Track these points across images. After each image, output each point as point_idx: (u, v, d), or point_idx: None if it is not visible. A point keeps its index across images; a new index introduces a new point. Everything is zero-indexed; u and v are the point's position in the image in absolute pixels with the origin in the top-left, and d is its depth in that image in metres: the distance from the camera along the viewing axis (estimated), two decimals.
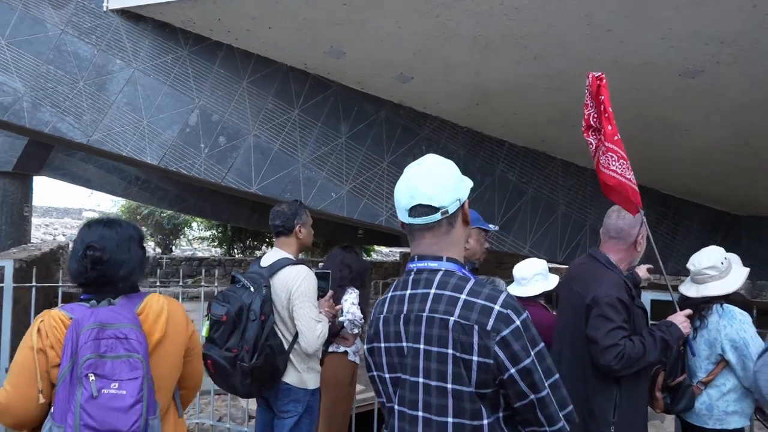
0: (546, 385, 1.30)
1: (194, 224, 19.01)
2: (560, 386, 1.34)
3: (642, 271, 2.83)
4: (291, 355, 2.86)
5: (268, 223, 2.97)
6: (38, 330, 1.64)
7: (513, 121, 5.85)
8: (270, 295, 2.79)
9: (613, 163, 2.37)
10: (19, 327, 6.66)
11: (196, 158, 4.94)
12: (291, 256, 2.98)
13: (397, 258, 20.69)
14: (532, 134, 6.14)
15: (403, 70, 5.08)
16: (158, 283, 5.18)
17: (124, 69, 4.75)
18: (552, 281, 3.52)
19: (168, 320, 1.76)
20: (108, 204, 26.73)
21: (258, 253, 19.72)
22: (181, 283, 4.86)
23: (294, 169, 5.23)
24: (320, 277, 3.08)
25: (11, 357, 4.42)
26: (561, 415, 1.32)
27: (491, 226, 3.04)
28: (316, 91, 5.36)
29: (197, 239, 20.73)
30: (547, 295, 3.57)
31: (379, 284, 16.77)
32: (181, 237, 19.51)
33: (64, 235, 27.76)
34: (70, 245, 17.64)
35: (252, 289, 2.75)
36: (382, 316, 1.47)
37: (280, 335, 2.84)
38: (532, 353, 1.29)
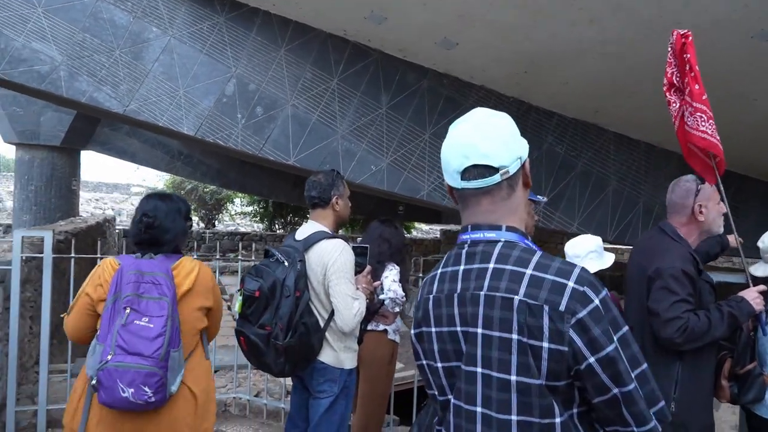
0: (633, 376, 1.07)
1: (236, 200, 19.14)
2: (649, 378, 1.10)
3: (731, 238, 2.68)
4: (327, 334, 2.69)
5: (304, 194, 2.79)
6: (93, 274, 2.12)
7: (564, 91, 5.50)
8: (305, 270, 2.61)
9: (703, 123, 2.18)
10: (63, 297, 6.73)
11: (233, 129, 4.79)
12: (327, 230, 2.80)
13: (438, 235, 20.43)
14: (583, 105, 5.77)
15: (447, 35, 4.79)
16: (195, 256, 5.09)
17: (160, 37, 4.62)
18: (607, 260, 3.25)
19: (196, 278, 2.12)
20: (153, 179, 27.13)
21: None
22: (217, 257, 4.76)
23: (333, 141, 5.04)
24: (358, 252, 2.89)
25: (52, 323, 4.39)
26: (652, 413, 1.09)
27: (540, 197, 2.79)
28: (356, 60, 5.13)
29: (239, 214, 20.89)
30: (600, 276, 3.30)
31: (419, 261, 16.61)
32: (224, 212, 19.68)
33: (112, 209, 28.45)
34: (117, 218, 18.04)
35: (286, 263, 2.58)
36: (431, 296, 1.25)
37: (315, 312, 2.67)
38: (615, 338, 1.07)
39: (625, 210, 6.20)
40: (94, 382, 1.89)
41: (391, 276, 3.60)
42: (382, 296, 3.45)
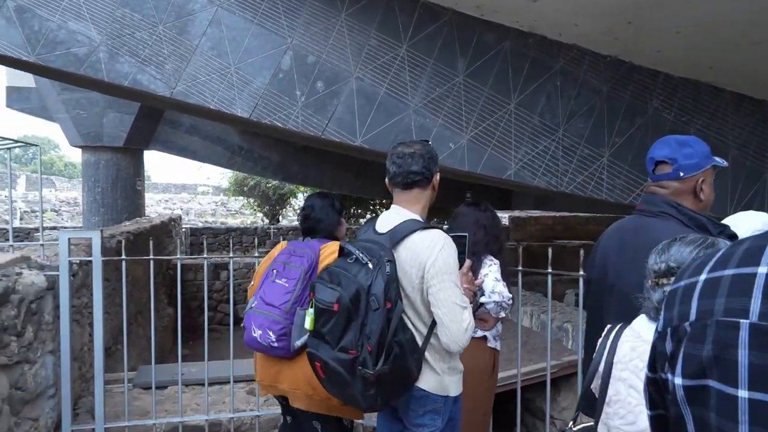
0: None
1: (299, 194, 18.80)
2: None
3: None
4: (426, 353, 2.03)
5: (393, 171, 2.10)
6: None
7: (673, 44, 4.59)
8: (396, 273, 1.95)
9: None
10: (129, 299, 6.34)
11: (292, 108, 4.18)
12: (418, 217, 2.13)
13: (506, 222, 19.47)
14: (696, 60, 4.84)
15: None
16: (258, 252, 4.54)
17: (206, 7, 4.05)
18: None
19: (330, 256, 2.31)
20: (217, 177, 27.17)
21: (363, 221, 19.25)
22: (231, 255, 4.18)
23: (404, 116, 4.36)
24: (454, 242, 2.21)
25: (112, 330, 3.94)
26: None
27: (721, 160, 2.02)
28: (427, 22, 4.41)
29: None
30: None
31: None
32: (287, 207, 19.39)
33: (180, 209, 28.92)
34: (184, 217, 18.06)
35: (370, 264, 1.91)
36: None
37: (410, 326, 2.01)
38: None
39: (748, 182, 5.23)
40: (242, 324, 2.43)
41: (492, 273, 2.89)
42: (483, 299, 2.76)
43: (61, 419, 3.92)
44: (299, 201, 20.21)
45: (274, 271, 2.39)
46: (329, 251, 2.38)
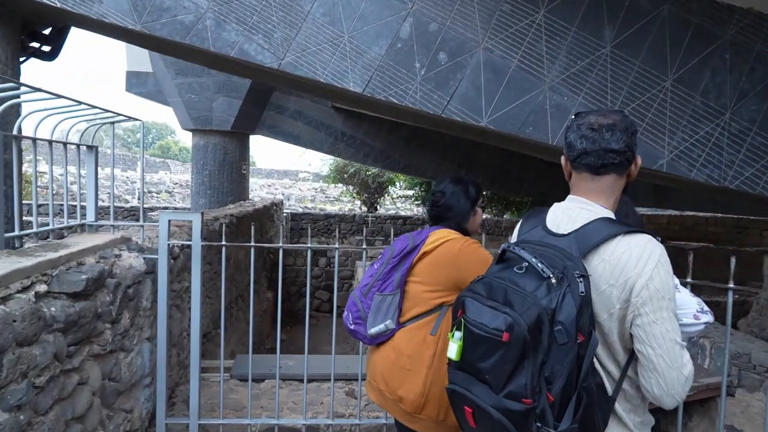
0: None
1: (398, 182, 18.41)
2: None
3: None
4: (616, 401, 1.44)
5: (582, 148, 1.49)
6: None
7: None
8: (590, 294, 1.37)
9: None
10: (231, 284, 6.13)
11: (410, 83, 3.66)
12: (610, 213, 1.56)
13: None
14: None
15: None
16: (359, 240, 4.08)
17: None
18: None
19: (440, 247, 2.15)
20: (318, 164, 27.56)
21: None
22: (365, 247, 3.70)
23: (539, 94, 3.71)
24: None
25: (209, 315, 3.65)
26: None
27: None
28: None
29: (400, 197, 20.17)
30: None
31: None
32: (385, 195, 19.06)
33: (282, 194, 29.55)
34: (285, 202, 18.20)
35: (554, 279, 1.34)
36: None
37: (597, 366, 1.43)
38: None
39: None
40: None
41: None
42: (685, 320, 2.10)
43: (155, 410, 3.67)
44: (398, 190, 19.84)
45: (380, 255, 2.29)
46: (432, 239, 2.19)
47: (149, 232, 4.30)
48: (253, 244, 3.71)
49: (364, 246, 3.68)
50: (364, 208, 19.06)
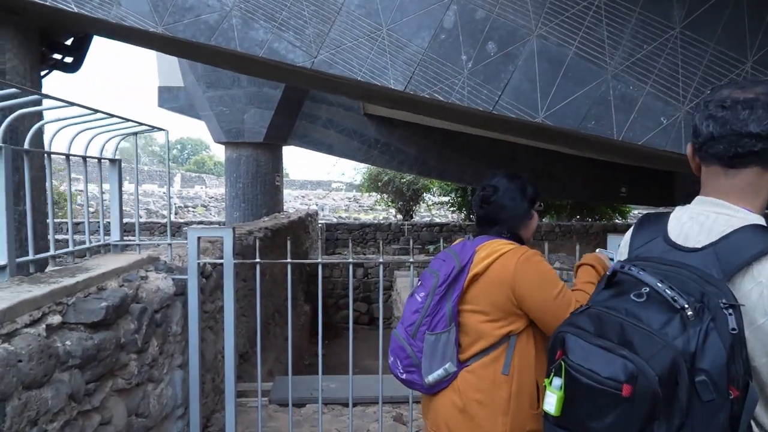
0: None
1: (433, 188, 18.01)
2: None
3: None
4: None
5: (709, 132, 1.10)
6: None
7: None
8: (743, 332, 0.98)
9: None
10: (268, 301, 5.84)
11: (456, 77, 3.30)
12: (761, 219, 1.14)
13: None
14: None
15: None
16: (395, 249, 3.72)
17: None
18: None
19: (494, 264, 1.78)
20: (351, 173, 27.44)
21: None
22: (411, 260, 3.33)
23: (601, 83, 3.31)
24: None
25: (237, 332, 3.37)
26: None
27: None
28: None
29: (436, 204, 19.75)
30: None
31: None
32: (420, 203, 18.68)
33: (316, 204, 29.43)
34: (319, 213, 17.99)
35: (689, 311, 0.96)
36: None
37: (755, 430, 1.03)
38: None
39: None
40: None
41: None
42: None
43: None
44: (433, 197, 19.45)
45: (418, 281, 1.90)
46: (482, 255, 1.81)
47: (179, 250, 4.03)
48: (289, 260, 3.39)
49: (411, 259, 3.32)
50: (399, 216, 18.72)
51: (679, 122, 3.32)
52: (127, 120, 2.97)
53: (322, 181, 45.77)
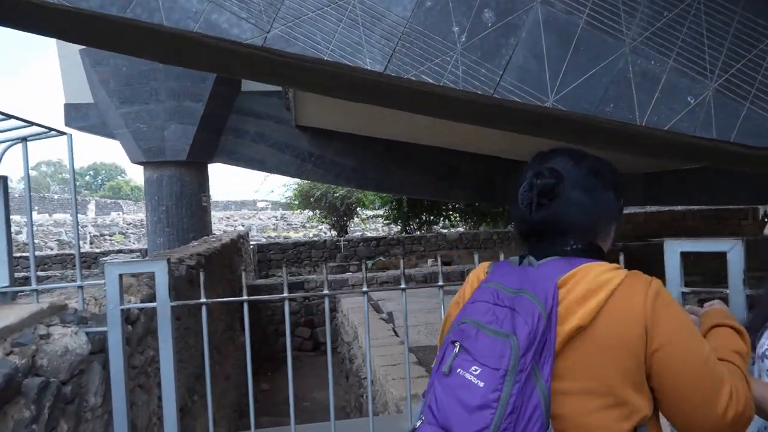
0: None
1: (367, 202, 17.34)
2: None
3: None
4: None
5: None
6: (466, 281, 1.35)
7: None
8: None
9: None
10: (197, 339, 4.88)
11: (448, 54, 2.61)
12: None
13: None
14: None
15: None
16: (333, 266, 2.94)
17: None
18: None
19: (604, 306, 1.07)
20: (280, 189, 26.45)
21: (439, 228, 17.61)
22: (365, 289, 2.60)
23: (618, 58, 2.72)
24: None
25: (179, 383, 2.53)
26: None
27: None
28: None
29: (372, 218, 19.08)
30: None
31: None
32: (355, 217, 17.95)
33: (242, 225, 28.12)
34: (249, 233, 16.88)
35: None
36: None
37: None
38: None
39: None
40: None
41: None
42: None
43: None
44: (368, 211, 18.80)
45: (455, 346, 1.11)
46: (578, 294, 1.09)
47: (95, 291, 3.09)
48: (245, 297, 2.57)
49: (365, 288, 2.59)
50: (333, 233, 17.92)
51: (707, 102, 2.77)
52: (12, 117, 2.08)
53: (247, 200, 44.28)
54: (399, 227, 17.49)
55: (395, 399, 4.70)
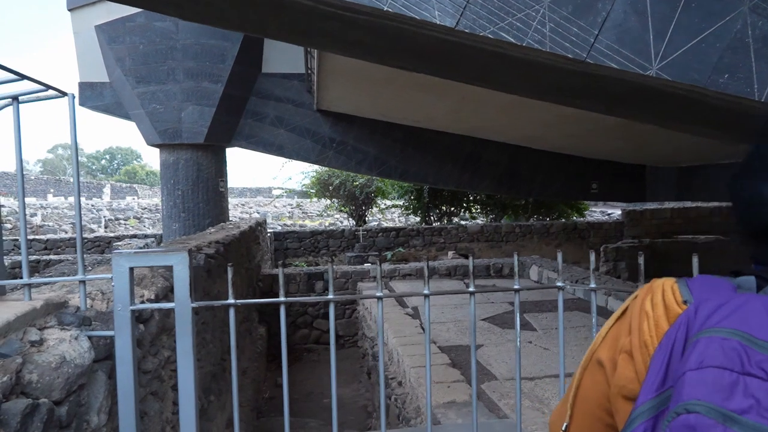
0: None
1: (387, 191, 16.86)
2: None
3: None
4: None
5: None
6: (626, 313, 0.79)
7: None
8: None
9: None
10: (220, 334, 4.47)
11: (532, 8, 2.13)
12: None
13: (618, 217, 16.89)
14: None
15: None
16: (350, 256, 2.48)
17: None
18: None
19: None
20: (299, 177, 26.09)
21: (458, 220, 17.12)
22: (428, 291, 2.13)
23: (735, 18, 2.23)
24: None
25: (199, 390, 2.05)
26: None
27: None
28: None
29: (391, 207, 18.61)
30: None
31: (601, 249, 13.26)
32: (374, 206, 17.48)
33: (257, 212, 27.81)
34: (267, 221, 16.48)
35: None
36: None
37: None
38: None
39: None
40: None
41: None
42: None
43: None
44: (387, 200, 18.32)
45: None
46: None
47: (101, 283, 2.67)
48: (283, 299, 2.12)
49: (379, 294, 2.12)
50: (351, 221, 17.48)
51: None
52: (8, 69, 1.65)
53: (262, 188, 44.02)
54: (419, 218, 17.02)
55: (431, 405, 4.25)
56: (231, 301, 2.03)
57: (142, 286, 2.99)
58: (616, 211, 26.38)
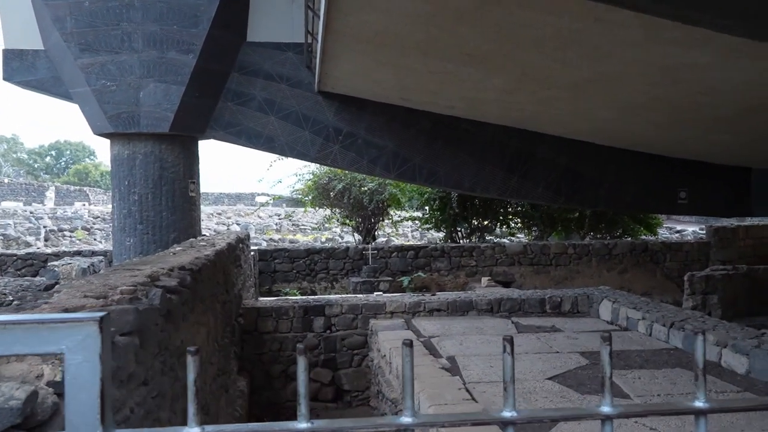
0: None
1: (403, 200, 16.01)
2: None
3: None
4: None
5: None
6: None
7: None
8: None
9: None
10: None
11: None
12: None
13: (703, 236, 15.97)
14: None
15: None
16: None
17: None
18: None
19: None
20: (290, 180, 25.40)
21: (492, 237, 16.23)
22: None
23: None
24: None
25: None
26: None
27: None
28: None
29: (404, 221, 17.74)
30: None
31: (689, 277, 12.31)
32: (386, 219, 16.63)
33: (237, 224, 27.02)
34: (251, 235, 15.67)
35: None
36: None
37: None
38: None
39: None
40: None
41: None
42: None
43: None
44: (401, 211, 17.47)
45: None
46: None
47: None
48: (305, 425, 1.20)
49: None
50: (357, 237, 16.62)
51: None
52: None
53: (244, 193, 43.38)
54: (442, 233, 16.18)
55: None
56: None
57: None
58: (687, 228, 25.42)
